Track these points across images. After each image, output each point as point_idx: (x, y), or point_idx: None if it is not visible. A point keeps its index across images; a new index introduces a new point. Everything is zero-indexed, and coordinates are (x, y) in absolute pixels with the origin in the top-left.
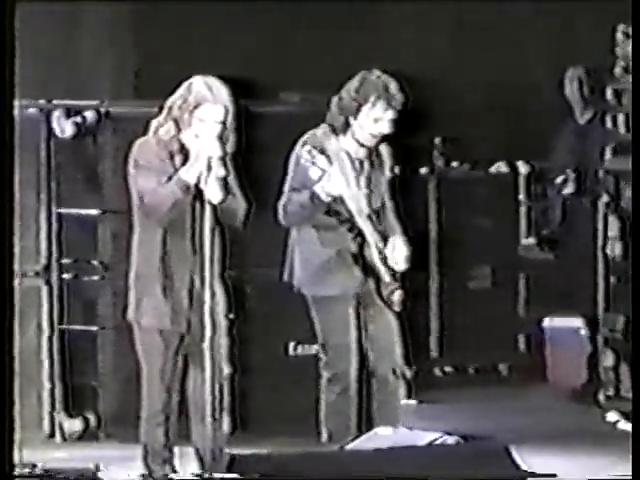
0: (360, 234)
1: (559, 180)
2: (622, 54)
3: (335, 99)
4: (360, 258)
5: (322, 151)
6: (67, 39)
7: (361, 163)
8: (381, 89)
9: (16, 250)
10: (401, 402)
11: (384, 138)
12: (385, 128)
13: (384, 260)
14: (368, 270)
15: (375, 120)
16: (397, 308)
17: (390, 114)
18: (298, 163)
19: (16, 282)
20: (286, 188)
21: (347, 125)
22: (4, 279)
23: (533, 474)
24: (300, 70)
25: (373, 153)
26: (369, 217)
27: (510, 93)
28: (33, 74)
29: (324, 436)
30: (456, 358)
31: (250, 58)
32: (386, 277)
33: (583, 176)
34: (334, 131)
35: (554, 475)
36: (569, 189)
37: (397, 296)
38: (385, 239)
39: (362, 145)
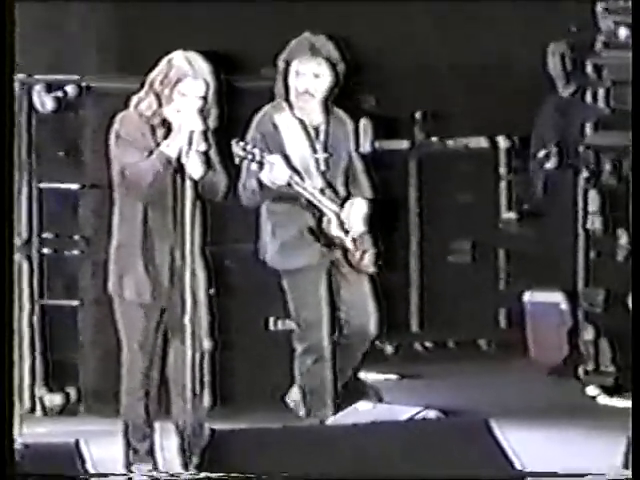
0: (317, 208)
1: (541, 154)
2: (602, 28)
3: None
4: (319, 232)
5: (260, 142)
6: (49, 14)
7: (316, 129)
8: (306, 46)
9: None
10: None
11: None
12: (309, 82)
13: (344, 227)
14: (332, 241)
15: (300, 74)
16: (370, 270)
17: (312, 67)
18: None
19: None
20: (243, 173)
21: (286, 89)
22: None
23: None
24: (281, 45)
25: (331, 119)
26: (322, 191)
27: (491, 68)
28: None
29: (302, 410)
30: (436, 333)
31: (232, 33)
32: (349, 245)
33: (565, 150)
34: (283, 101)
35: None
36: (551, 163)
37: (367, 259)
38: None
39: (306, 109)
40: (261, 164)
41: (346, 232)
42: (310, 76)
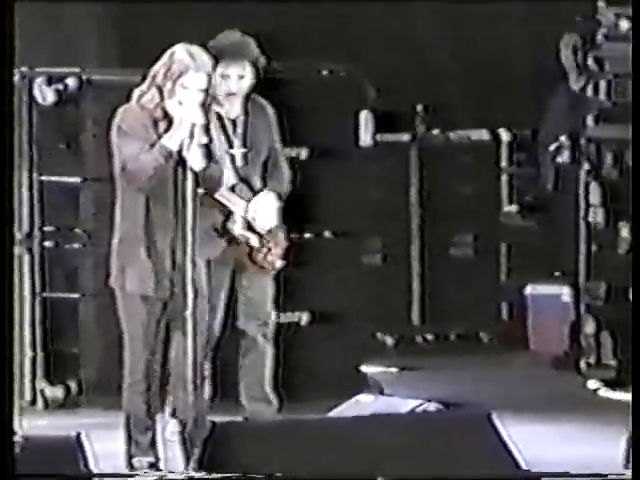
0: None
1: (552, 147)
2: (603, 21)
3: None
4: (224, 230)
5: None
6: (50, 6)
7: (234, 122)
8: (225, 46)
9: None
10: (266, 367)
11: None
12: (233, 85)
13: (250, 226)
14: (236, 240)
15: (223, 77)
16: (277, 265)
17: (236, 70)
18: None
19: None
20: None
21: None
22: (3, 245)
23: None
24: (279, 37)
25: (250, 109)
26: (233, 188)
27: (492, 60)
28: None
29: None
30: (438, 325)
31: (231, 26)
32: (255, 243)
33: (577, 144)
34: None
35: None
36: (564, 157)
37: (272, 255)
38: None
39: (232, 104)
40: None
41: (252, 230)
42: (235, 78)
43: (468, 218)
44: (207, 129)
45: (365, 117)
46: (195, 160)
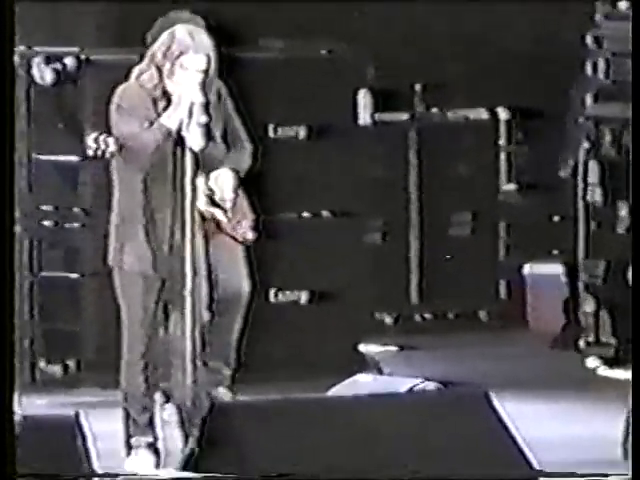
0: None
1: (581, 120)
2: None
3: None
4: None
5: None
6: None
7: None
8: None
9: None
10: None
11: None
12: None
13: (213, 201)
14: (202, 215)
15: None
16: (248, 237)
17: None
18: None
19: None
20: None
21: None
22: (3, 226)
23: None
24: (278, 17)
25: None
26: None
27: (491, 40)
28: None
29: None
30: (436, 304)
31: (231, 5)
32: (221, 217)
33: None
34: None
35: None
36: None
37: (243, 227)
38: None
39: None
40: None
41: (216, 205)
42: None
43: (467, 197)
44: (207, 108)
45: (364, 96)
46: (194, 139)
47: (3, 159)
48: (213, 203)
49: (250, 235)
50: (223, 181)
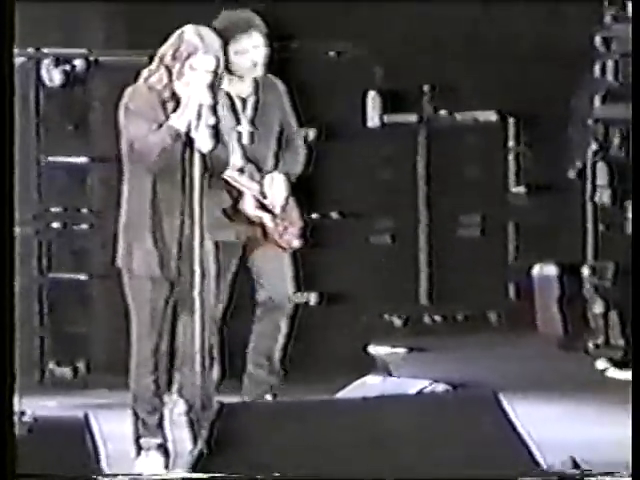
0: (235, 188)
1: (590, 121)
2: (610, 1)
3: None
4: (235, 212)
5: None
6: None
7: (244, 101)
8: (235, 22)
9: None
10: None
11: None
12: (255, 56)
13: (263, 205)
14: (249, 220)
15: (241, 53)
16: (294, 244)
17: (253, 42)
18: None
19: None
20: None
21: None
22: (4, 227)
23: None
24: (287, 18)
25: (261, 87)
26: (242, 169)
27: (500, 41)
28: (22, 22)
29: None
30: (445, 306)
31: (240, 7)
32: (269, 223)
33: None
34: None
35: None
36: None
37: (289, 234)
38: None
39: (243, 81)
40: None
41: (266, 210)
42: (251, 50)
43: (475, 199)
44: (215, 110)
45: (373, 98)
46: (203, 141)
47: (3, 161)
48: (263, 207)
49: (296, 243)
50: (276, 185)
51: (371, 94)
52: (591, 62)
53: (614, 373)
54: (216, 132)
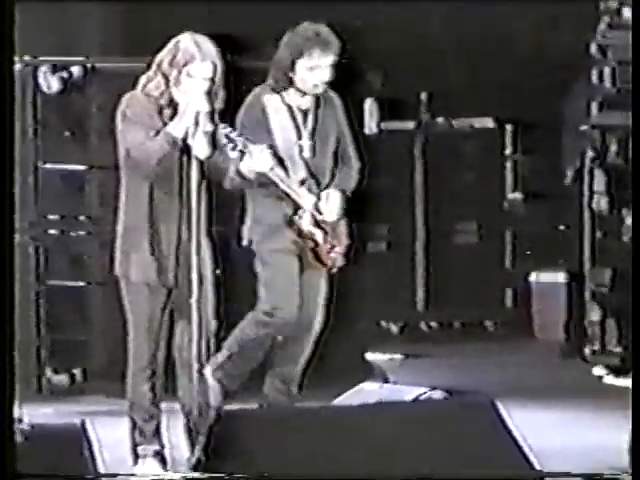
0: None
1: (583, 128)
2: (606, 9)
3: (273, 59)
4: (292, 223)
5: (248, 127)
6: None
7: (305, 114)
8: (312, 38)
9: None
10: (300, 365)
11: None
12: (325, 75)
13: (317, 221)
14: (303, 233)
15: (312, 69)
16: (338, 263)
17: (327, 60)
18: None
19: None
20: (220, 157)
21: (289, 81)
22: (3, 234)
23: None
24: (284, 26)
25: (321, 101)
26: (303, 182)
27: (497, 48)
28: (19, 29)
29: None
30: (442, 313)
31: (237, 14)
32: (320, 239)
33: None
34: (274, 89)
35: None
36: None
37: (335, 253)
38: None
39: (305, 95)
40: (242, 153)
41: (318, 226)
42: (325, 69)
43: (472, 205)
44: (212, 117)
45: (370, 105)
46: (200, 148)
47: (3, 167)
48: (316, 223)
49: (340, 262)
50: (331, 202)
51: (368, 101)
52: (588, 69)
53: (611, 380)
54: (213, 139)
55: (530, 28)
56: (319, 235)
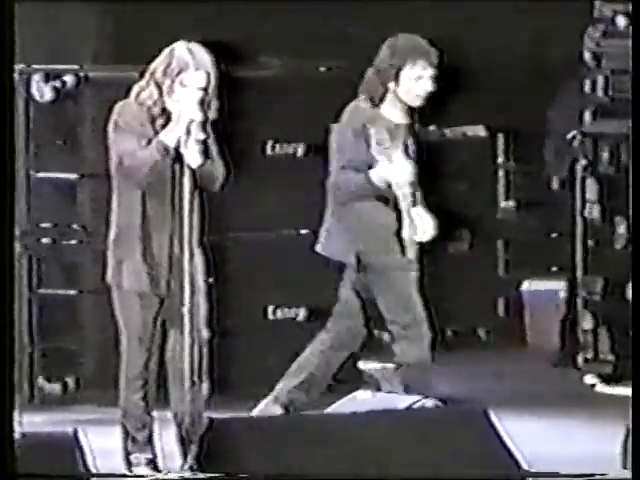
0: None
1: (570, 135)
2: (600, 17)
3: (370, 70)
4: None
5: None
6: (47, 3)
7: (399, 128)
8: (417, 48)
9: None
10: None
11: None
12: (429, 86)
13: (411, 237)
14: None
15: (417, 79)
16: None
17: (430, 71)
18: (349, 140)
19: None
20: (335, 165)
21: (385, 93)
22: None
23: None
24: (277, 34)
25: (412, 117)
26: (411, 194)
27: (489, 57)
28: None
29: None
30: (434, 321)
31: (231, 23)
32: (410, 254)
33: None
34: (372, 101)
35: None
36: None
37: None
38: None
39: (401, 110)
40: (389, 157)
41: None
42: (425, 80)
43: (465, 214)
44: (205, 126)
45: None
46: (192, 157)
47: (4, 176)
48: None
49: None
50: (426, 218)
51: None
52: (581, 78)
53: (603, 388)
54: (205, 148)
55: (524, 36)
56: (411, 251)
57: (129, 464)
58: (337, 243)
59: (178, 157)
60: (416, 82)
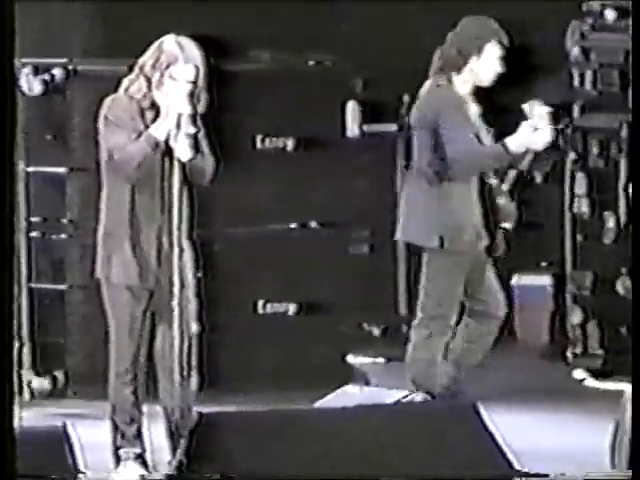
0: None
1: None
2: (589, 11)
3: (449, 47)
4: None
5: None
6: None
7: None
8: (490, 29)
9: None
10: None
11: None
12: (499, 66)
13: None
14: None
15: (489, 60)
16: (500, 251)
17: (500, 52)
18: (451, 115)
19: None
20: (427, 144)
21: (460, 72)
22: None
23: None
24: (267, 28)
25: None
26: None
27: None
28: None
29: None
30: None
31: (220, 16)
32: (499, 236)
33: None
34: (448, 80)
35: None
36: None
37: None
38: None
39: (473, 90)
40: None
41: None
42: (498, 61)
43: None
44: (194, 119)
45: (352, 108)
46: (182, 150)
47: (3, 171)
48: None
49: (501, 250)
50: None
51: (350, 104)
52: (569, 71)
53: (592, 383)
54: (195, 142)
55: (512, 30)
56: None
57: (118, 458)
58: (418, 227)
59: (168, 151)
60: (488, 63)
